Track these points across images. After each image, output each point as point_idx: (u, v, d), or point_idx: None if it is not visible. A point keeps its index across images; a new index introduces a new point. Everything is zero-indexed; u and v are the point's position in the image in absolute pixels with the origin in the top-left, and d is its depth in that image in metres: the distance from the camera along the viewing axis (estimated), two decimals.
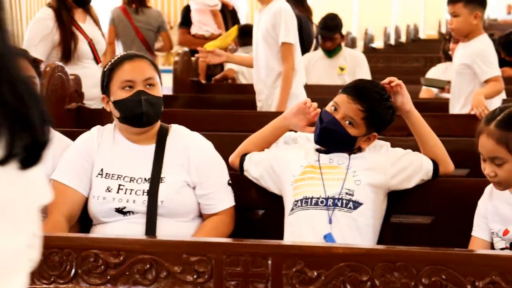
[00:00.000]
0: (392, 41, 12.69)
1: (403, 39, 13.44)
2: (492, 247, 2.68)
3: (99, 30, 5.18)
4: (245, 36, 7.03)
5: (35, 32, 4.87)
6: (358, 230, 2.92)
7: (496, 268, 2.06)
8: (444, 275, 2.09)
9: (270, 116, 3.38)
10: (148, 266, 2.19)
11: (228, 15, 7.93)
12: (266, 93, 5.19)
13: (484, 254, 2.21)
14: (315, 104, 3.22)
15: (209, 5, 7.54)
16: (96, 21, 5.19)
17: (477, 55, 4.67)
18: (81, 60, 5.03)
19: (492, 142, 2.54)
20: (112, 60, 3.10)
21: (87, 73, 5.01)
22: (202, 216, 3.10)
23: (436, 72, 5.80)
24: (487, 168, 2.59)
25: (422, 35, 16.58)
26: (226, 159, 3.20)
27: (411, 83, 6.07)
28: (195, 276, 2.17)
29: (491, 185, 2.73)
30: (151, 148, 3.06)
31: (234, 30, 6.20)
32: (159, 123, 3.11)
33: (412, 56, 9.58)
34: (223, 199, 3.08)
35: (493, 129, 2.54)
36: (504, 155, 2.55)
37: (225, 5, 7.91)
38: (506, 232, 2.65)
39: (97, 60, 5.13)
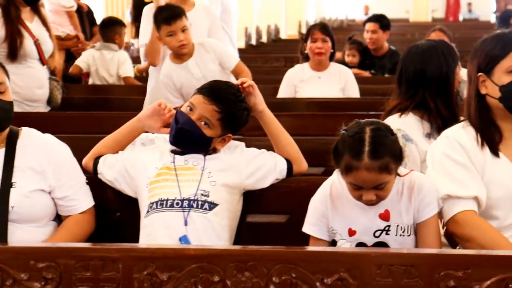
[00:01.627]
0: (254, 41, 12.81)
1: (264, 39, 13.58)
2: (332, 245, 2.74)
3: (48, 31, 4.99)
4: (106, 27, 6.96)
5: None
6: (214, 231, 2.92)
7: (343, 264, 2.10)
8: (294, 273, 2.11)
9: (127, 117, 3.34)
10: None
11: (85, 16, 7.82)
12: None
13: (332, 252, 2.25)
14: (170, 106, 3.21)
15: (64, 6, 7.42)
16: (44, 22, 4.99)
17: (221, 50, 4.84)
18: (26, 60, 4.84)
19: (374, 173, 2.55)
20: None
21: (32, 73, 4.85)
22: (56, 220, 3.04)
23: (294, 72, 5.87)
24: (367, 195, 2.60)
25: (283, 35, 16.82)
26: (81, 161, 3.15)
27: (271, 83, 6.16)
28: (43, 283, 2.11)
29: (329, 183, 2.78)
30: (0, 152, 2.96)
31: None
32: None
33: (272, 56, 9.69)
34: (84, 199, 3.05)
35: (369, 162, 2.53)
36: (387, 178, 2.59)
37: (80, 6, 7.78)
38: (352, 233, 2.70)
39: (42, 61, 4.94)
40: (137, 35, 7.09)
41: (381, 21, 7.13)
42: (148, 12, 5.30)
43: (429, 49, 3.40)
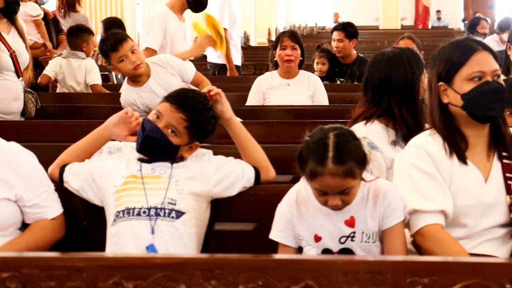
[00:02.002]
0: None
1: None
2: (299, 252, 2.74)
3: (24, 42, 4.95)
4: (73, 35, 6.92)
5: None
6: (181, 240, 2.91)
7: (310, 272, 2.10)
8: (261, 281, 2.10)
9: (96, 125, 3.31)
10: None
11: (51, 24, 7.81)
12: None
13: (298, 259, 2.24)
14: (136, 114, 3.20)
15: (31, 15, 7.40)
16: (21, 33, 4.96)
17: (178, 63, 4.88)
18: (2, 72, 4.80)
19: (339, 178, 2.55)
20: None
21: (7, 86, 4.81)
22: (22, 229, 3.01)
23: (262, 79, 5.87)
24: (332, 200, 2.60)
25: (253, 42, 16.85)
26: None
27: (241, 90, 6.16)
28: None
29: (295, 190, 2.78)
30: None
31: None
32: None
33: (242, 63, 9.68)
34: (53, 206, 3.03)
35: (333, 167, 2.53)
36: (352, 183, 2.59)
37: (46, 13, 7.77)
38: (317, 239, 2.71)
39: (18, 73, 4.90)
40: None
41: (347, 30, 7.13)
42: (159, 18, 5.30)
43: (395, 57, 3.42)
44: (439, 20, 25.23)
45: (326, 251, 2.70)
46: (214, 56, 7.98)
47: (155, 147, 3.00)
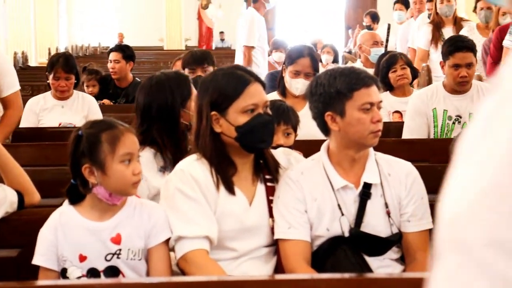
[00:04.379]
0: None
1: None
2: (61, 276, 2.69)
3: None
4: None
5: None
6: None
7: None
8: None
9: None
10: None
11: None
12: None
13: (55, 285, 2.20)
14: None
15: None
16: None
17: None
18: None
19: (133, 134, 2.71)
20: None
21: None
22: None
23: (35, 101, 5.74)
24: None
25: (33, 62, 16.41)
26: None
27: None
28: None
29: (58, 212, 2.74)
30: None
31: None
32: None
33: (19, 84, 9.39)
34: None
35: (124, 128, 2.69)
36: None
37: None
38: (82, 258, 2.67)
39: None
40: None
41: (124, 51, 7.03)
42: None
43: (157, 83, 3.29)
44: (223, 41, 25.71)
45: (92, 270, 2.66)
46: None
47: None
